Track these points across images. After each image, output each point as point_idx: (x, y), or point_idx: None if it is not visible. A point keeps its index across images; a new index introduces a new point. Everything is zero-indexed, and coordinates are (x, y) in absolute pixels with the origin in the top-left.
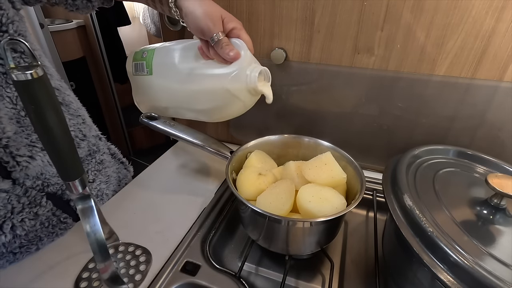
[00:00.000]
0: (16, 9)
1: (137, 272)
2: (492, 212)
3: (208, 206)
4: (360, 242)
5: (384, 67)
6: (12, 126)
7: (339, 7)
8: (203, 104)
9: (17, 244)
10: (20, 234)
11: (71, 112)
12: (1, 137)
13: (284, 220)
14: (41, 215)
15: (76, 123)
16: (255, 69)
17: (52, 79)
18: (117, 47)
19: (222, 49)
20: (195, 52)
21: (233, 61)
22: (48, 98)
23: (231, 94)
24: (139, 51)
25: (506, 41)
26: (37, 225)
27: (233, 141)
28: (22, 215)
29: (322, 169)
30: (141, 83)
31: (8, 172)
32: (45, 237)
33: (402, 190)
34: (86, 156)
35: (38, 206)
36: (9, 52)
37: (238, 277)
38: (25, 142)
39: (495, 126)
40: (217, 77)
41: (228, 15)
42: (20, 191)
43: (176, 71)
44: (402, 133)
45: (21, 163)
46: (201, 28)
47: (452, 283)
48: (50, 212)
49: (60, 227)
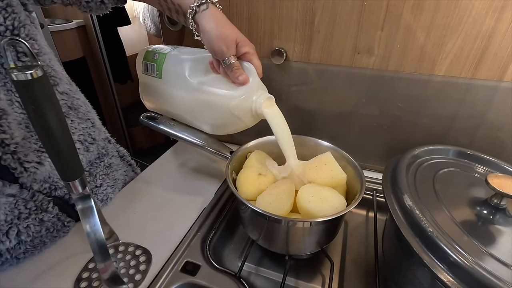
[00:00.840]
0: (28, 11)
1: (137, 272)
2: (492, 212)
3: (208, 206)
4: (360, 242)
5: (384, 67)
6: (21, 132)
7: (339, 7)
8: (206, 118)
9: (22, 250)
10: (26, 240)
11: (80, 116)
12: (10, 143)
13: (284, 220)
14: (46, 221)
15: (85, 127)
16: (262, 95)
17: (61, 83)
18: (117, 47)
19: (232, 72)
20: (205, 65)
21: (241, 85)
22: (48, 98)
23: (235, 116)
24: (151, 51)
25: (506, 41)
26: (42, 231)
27: (233, 141)
28: (28, 222)
29: (322, 169)
30: (148, 83)
31: (15, 177)
32: (49, 242)
33: (402, 190)
34: (95, 159)
35: (44, 212)
36: (9, 52)
37: (238, 277)
38: (34, 148)
39: (495, 126)
40: (223, 97)
41: (243, 39)
42: (27, 195)
43: (185, 82)
44: (402, 133)
45: (29, 169)
46: (214, 50)
47: (452, 283)
48: (56, 217)
49: (64, 231)
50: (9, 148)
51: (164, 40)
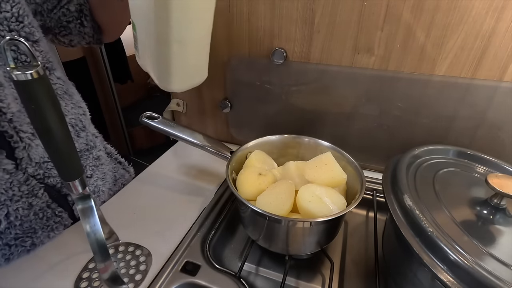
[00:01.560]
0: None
1: (137, 272)
2: (492, 212)
3: (208, 206)
4: (360, 242)
5: (384, 67)
6: (16, 106)
7: (339, 7)
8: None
9: (12, 236)
10: (15, 224)
11: (74, 102)
12: (6, 112)
13: (284, 220)
14: (35, 206)
15: (77, 112)
16: None
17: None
18: (117, 47)
19: None
20: None
21: None
22: (48, 98)
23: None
24: None
25: (506, 41)
26: (31, 215)
27: (233, 141)
28: (18, 205)
29: (322, 169)
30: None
31: (12, 148)
32: (40, 230)
33: (402, 190)
34: (84, 150)
35: (34, 196)
36: (9, 52)
37: (238, 277)
38: (27, 121)
39: (495, 126)
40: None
41: None
42: (22, 177)
43: None
44: (402, 133)
45: (24, 139)
46: None
47: (452, 283)
48: (45, 203)
49: (55, 221)
50: (6, 117)
51: None
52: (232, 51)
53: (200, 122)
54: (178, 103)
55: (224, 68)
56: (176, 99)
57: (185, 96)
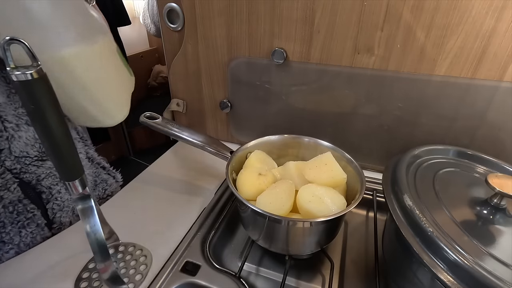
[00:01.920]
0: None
1: (137, 272)
2: (492, 212)
3: (208, 206)
4: (360, 242)
5: (384, 67)
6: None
7: (339, 7)
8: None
9: None
10: None
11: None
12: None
13: (284, 220)
14: (5, 199)
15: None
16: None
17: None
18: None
19: None
20: None
21: None
22: (48, 98)
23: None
24: None
25: (506, 41)
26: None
27: (233, 141)
28: None
29: (322, 169)
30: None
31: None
32: (9, 225)
33: (402, 190)
34: None
35: (6, 190)
36: (9, 52)
37: (238, 277)
38: (12, 113)
39: (495, 126)
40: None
41: None
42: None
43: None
44: (402, 133)
45: (8, 129)
46: None
47: (452, 283)
48: (17, 198)
49: (26, 216)
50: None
51: (164, 40)
52: (232, 51)
53: (200, 122)
54: (178, 103)
55: (224, 68)
56: (176, 99)
57: (185, 96)
